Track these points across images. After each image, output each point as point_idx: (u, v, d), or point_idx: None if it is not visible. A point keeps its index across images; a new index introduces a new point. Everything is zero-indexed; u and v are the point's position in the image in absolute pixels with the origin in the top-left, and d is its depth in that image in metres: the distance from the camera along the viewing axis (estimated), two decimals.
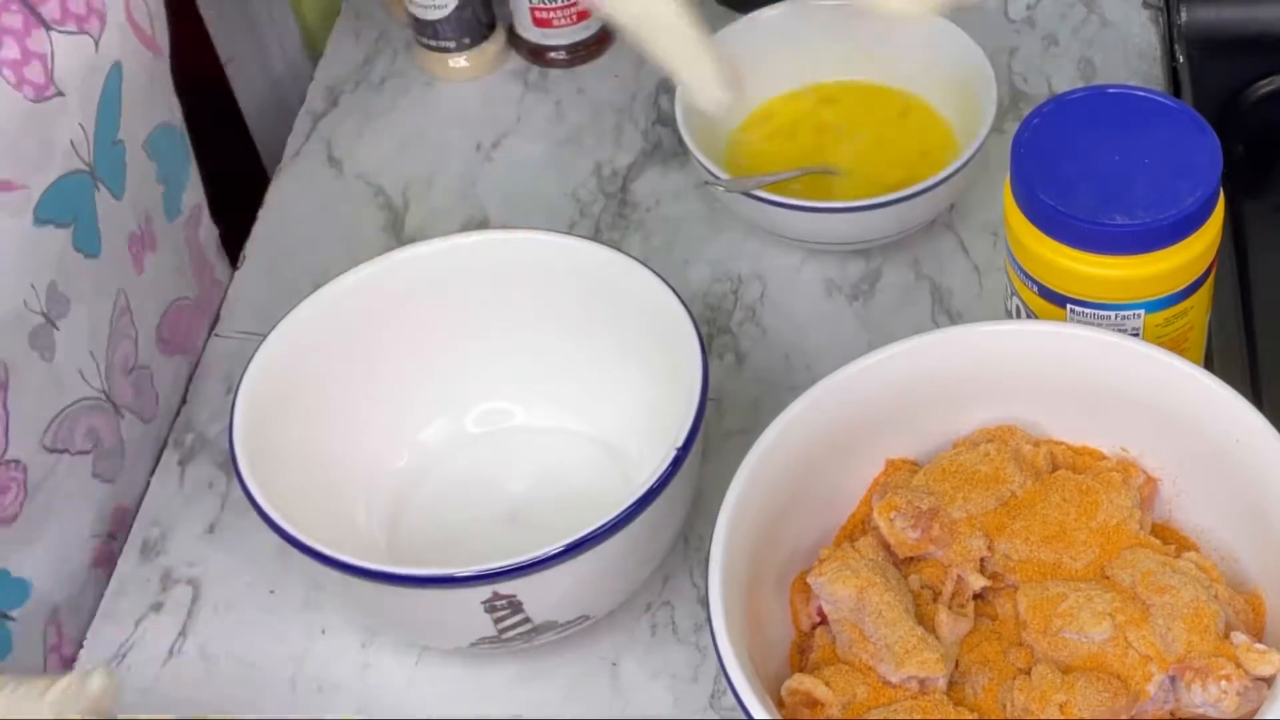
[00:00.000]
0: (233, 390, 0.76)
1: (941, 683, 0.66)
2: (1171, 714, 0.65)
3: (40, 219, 0.73)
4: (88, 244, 0.78)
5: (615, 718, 0.76)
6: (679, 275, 0.94)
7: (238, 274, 0.98)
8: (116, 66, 0.77)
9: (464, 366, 0.84)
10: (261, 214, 1.02)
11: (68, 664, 0.82)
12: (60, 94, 0.73)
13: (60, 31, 0.72)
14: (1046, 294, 0.75)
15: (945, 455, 0.73)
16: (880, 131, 0.97)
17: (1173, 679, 0.65)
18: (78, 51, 0.74)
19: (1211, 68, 1.01)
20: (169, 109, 0.87)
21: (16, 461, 0.76)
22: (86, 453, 0.81)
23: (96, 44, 0.75)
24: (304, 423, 0.78)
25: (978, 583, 0.69)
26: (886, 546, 0.71)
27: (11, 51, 0.70)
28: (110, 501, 0.84)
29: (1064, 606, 0.66)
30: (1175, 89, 1.01)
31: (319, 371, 0.80)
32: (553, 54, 1.08)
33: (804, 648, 0.71)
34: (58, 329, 0.77)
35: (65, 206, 0.75)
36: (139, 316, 0.85)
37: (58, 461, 0.79)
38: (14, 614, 0.79)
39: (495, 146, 1.05)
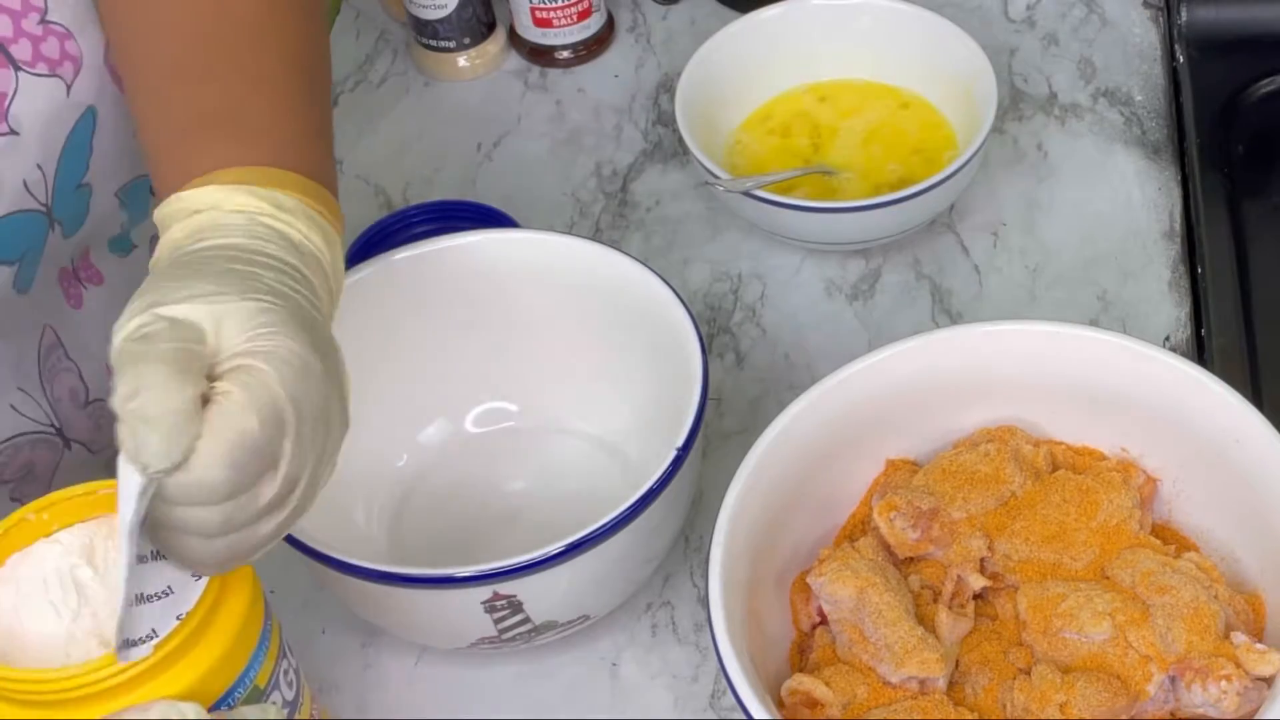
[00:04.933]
0: None
1: (941, 683, 0.66)
2: (1171, 714, 0.65)
3: None
4: (25, 280, 0.75)
5: (615, 718, 0.76)
6: (679, 275, 0.94)
7: None
8: (90, 111, 0.75)
9: (464, 366, 0.84)
10: None
11: None
12: (13, 133, 0.70)
13: (29, 73, 0.71)
14: None
15: (945, 455, 0.73)
16: (880, 131, 0.97)
17: (1173, 679, 0.65)
18: (47, 94, 0.72)
19: (1211, 68, 1.01)
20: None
21: None
22: (6, 482, 0.80)
23: (69, 88, 0.73)
24: None
25: (978, 583, 0.69)
26: (886, 546, 0.71)
27: None
28: None
29: (1064, 606, 0.66)
30: (1175, 89, 1.02)
31: None
32: (553, 54, 1.08)
33: (804, 648, 0.71)
34: None
35: (9, 244, 0.73)
36: (78, 351, 0.82)
37: None
38: None
39: (495, 146, 1.05)
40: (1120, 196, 0.96)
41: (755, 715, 0.61)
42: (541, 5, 1.06)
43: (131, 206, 0.82)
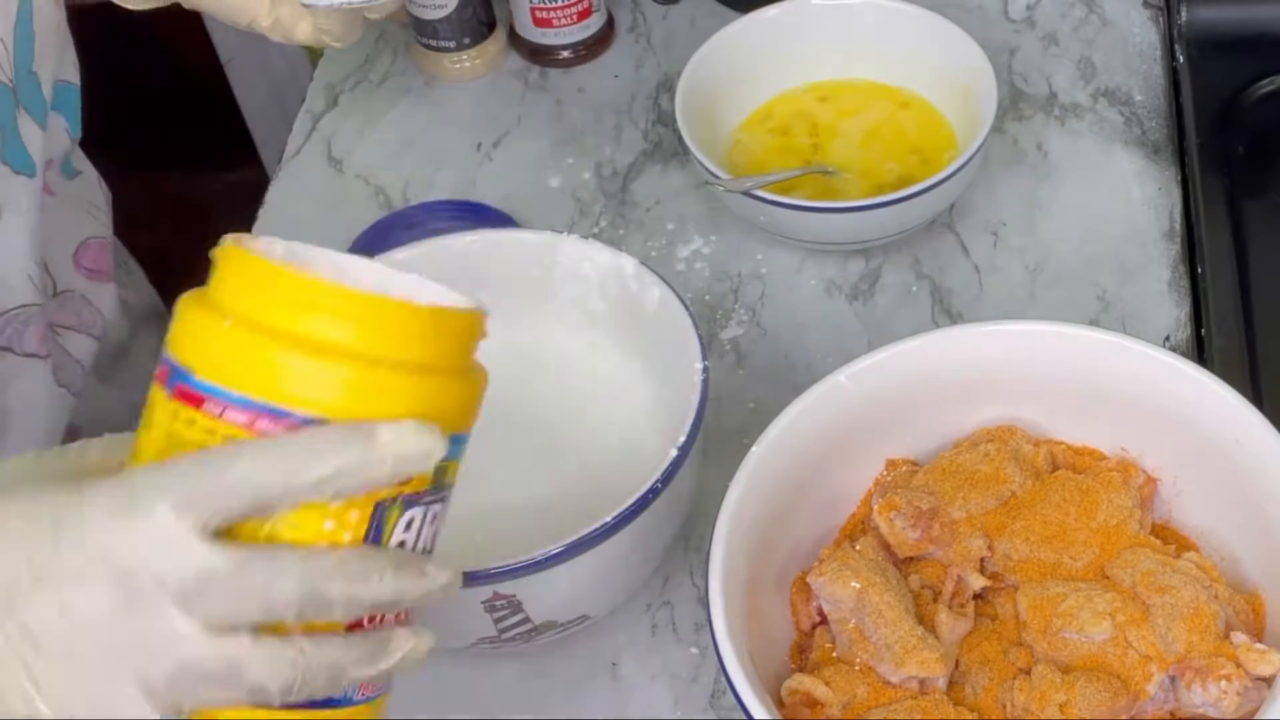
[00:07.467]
0: None
1: (941, 683, 0.66)
2: (1171, 714, 0.65)
3: None
4: (17, 160, 0.77)
5: (615, 718, 0.76)
6: (679, 275, 0.94)
7: None
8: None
9: None
10: (261, 214, 1.02)
11: None
12: None
13: None
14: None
15: (945, 455, 0.73)
16: (880, 131, 0.97)
17: (1173, 679, 0.65)
18: None
19: (1211, 68, 1.01)
20: (74, 69, 0.86)
21: None
22: (43, 357, 0.81)
23: None
24: None
25: (978, 583, 0.69)
26: (886, 546, 0.71)
27: None
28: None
29: (1064, 606, 0.66)
30: (1175, 89, 1.02)
31: None
32: (553, 54, 1.08)
33: (804, 648, 0.71)
34: None
35: None
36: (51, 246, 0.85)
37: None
38: None
39: (495, 146, 1.05)
40: (1120, 196, 0.96)
41: (755, 715, 0.61)
42: (541, 5, 1.06)
43: (65, 114, 0.84)
